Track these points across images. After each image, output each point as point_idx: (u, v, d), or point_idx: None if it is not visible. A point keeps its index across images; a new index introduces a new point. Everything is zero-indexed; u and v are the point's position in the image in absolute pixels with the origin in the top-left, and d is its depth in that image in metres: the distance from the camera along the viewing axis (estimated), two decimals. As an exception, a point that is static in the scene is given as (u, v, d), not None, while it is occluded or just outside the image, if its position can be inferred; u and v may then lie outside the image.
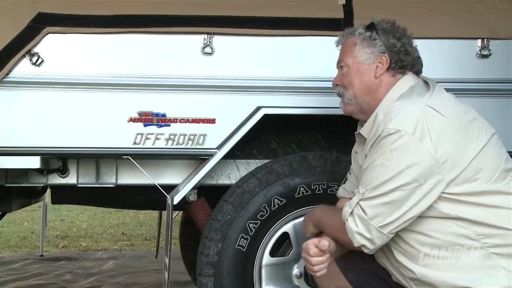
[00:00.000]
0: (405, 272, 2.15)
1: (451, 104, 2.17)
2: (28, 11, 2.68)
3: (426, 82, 2.28)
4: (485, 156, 2.09)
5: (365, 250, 2.12)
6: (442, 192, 2.05)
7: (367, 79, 2.26)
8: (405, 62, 2.27)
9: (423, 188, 2.03)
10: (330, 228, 2.26)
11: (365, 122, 2.29)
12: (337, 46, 2.41)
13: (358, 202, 2.10)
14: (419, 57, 2.32)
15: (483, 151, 2.09)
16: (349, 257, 2.36)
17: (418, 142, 2.02)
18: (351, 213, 2.11)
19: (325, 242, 2.15)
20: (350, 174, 2.50)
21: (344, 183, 2.53)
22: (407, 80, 2.26)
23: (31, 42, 2.68)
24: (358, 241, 2.09)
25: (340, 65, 2.34)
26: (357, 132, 2.37)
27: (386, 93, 2.24)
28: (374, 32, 2.28)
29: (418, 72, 2.32)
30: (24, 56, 2.69)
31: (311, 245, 2.16)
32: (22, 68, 2.71)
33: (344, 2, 2.82)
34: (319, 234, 2.32)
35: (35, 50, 2.70)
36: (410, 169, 2.02)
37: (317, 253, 2.15)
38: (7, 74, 2.68)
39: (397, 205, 2.04)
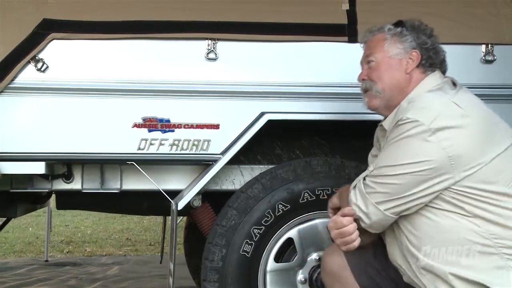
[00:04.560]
0: (416, 262, 2.15)
1: (476, 104, 2.18)
2: (33, 17, 2.68)
3: (453, 83, 2.29)
4: (506, 159, 2.09)
5: (362, 225, 2.16)
6: (460, 189, 2.06)
7: (398, 74, 2.27)
8: (435, 59, 2.29)
9: (430, 179, 2.06)
10: (344, 202, 2.29)
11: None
12: (361, 43, 2.42)
13: (364, 177, 2.17)
14: (445, 59, 2.34)
15: (504, 154, 2.09)
16: (362, 258, 2.36)
17: (433, 135, 2.03)
18: (355, 186, 2.18)
19: (347, 208, 2.18)
20: None
21: None
22: (436, 77, 2.28)
23: (36, 48, 2.69)
24: (355, 212, 2.15)
25: (368, 59, 2.34)
26: (380, 123, 2.37)
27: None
28: (403, 28, 2.30)
29: (444, 72, 2.34)
30: (29, 62, 2.70)
31: (339, 217, 2.17)
32: (27, 74, 2.71)
33: (347, 8, 2.83)
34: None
35: (40, 56, 2.71)
36: (420, 159, 2.05)
37: (349, 220, 2.16)
38: (12, 80, 2.69)
39: (398, 188, 2.09)
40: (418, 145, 2.05)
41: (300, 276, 2.91)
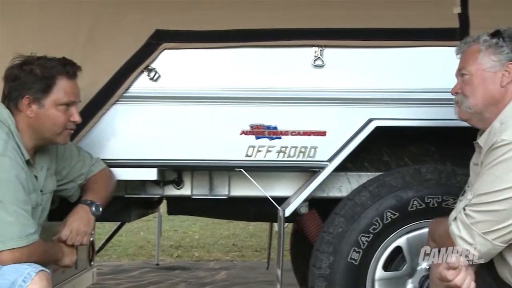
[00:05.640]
0: None
1: None
2: (147, 28, 2.79)
3: None
4: None
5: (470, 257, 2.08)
6: None
7: (492, 88, 2.20)
8: None
9: None
10: (440, 237, 2.24)
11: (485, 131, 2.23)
12: (457, 55, 2.35)
13: (464, 208, 2.08)
14: None
15: None
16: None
17: None
18: (456, 217, 2.10)
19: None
20: (468, 186, 2.42)
21: (462, 195, 2.46)
22: None
23: (149, 58, 2.79)
24: (460, 245, 2.08)
25: (461, 72, 2.27)
26: (475, 141, 2.30)
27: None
28: (500, 39, 2.20)
29: None
30: (142, 71, 2.80)
31: (443, 270, 2.08)
32: (140, 84, 2.81)
33: (459, 11, 2.75)
34: None
35: (153, 65, 2.81)
36: None
37: (454, 273, 2.07)
38: (127, 89, 2.80)
39: (504, 214, 2.01)
40: None
41: (410, 285, 2.85)
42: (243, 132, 2.82)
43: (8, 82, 2.40)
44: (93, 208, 2.53)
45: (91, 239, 3.06)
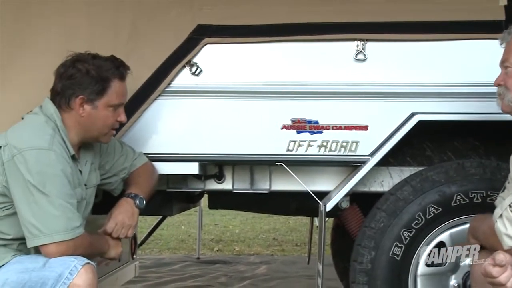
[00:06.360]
0: None
1: None
2: (188, 23, 2.80)
3: None
4: None
5: None
6: None
7: None
8: None
9: None
10: (484, 235, 2.21)
11: None
12: (501, 45, 2.31)
13: (510, 204, 2.05)
14: None
15: None
16: None
17: None
18: (501, 215, 2.07)
19: (499, 256, 2.05)
20: (509, 183, 2.38)
21: (502, 191, 2.42)
22: None
23: (191, 53, 2.80)
24: (506, 243, 2.05)
25: (504, 64, 2.24)
26: None
27: None
28: None
29: None
30: (184, 66, 2.82)
31: (489, 267, 2.05)
32: (182, 78, 2.83)
33: (505, 3, 2.70)
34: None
35: (194, 60, 2.82)
36: None
37: (500, 271, 2.04)
38: (169, 84, 2.82)
39: None
40: None
41: (453, 281, 2.81)
42: (284, 127, 2.82)
43: (62, 80, 2.43)
44: (137, 201, 2.57)
45: (134, 232, 3.08)
